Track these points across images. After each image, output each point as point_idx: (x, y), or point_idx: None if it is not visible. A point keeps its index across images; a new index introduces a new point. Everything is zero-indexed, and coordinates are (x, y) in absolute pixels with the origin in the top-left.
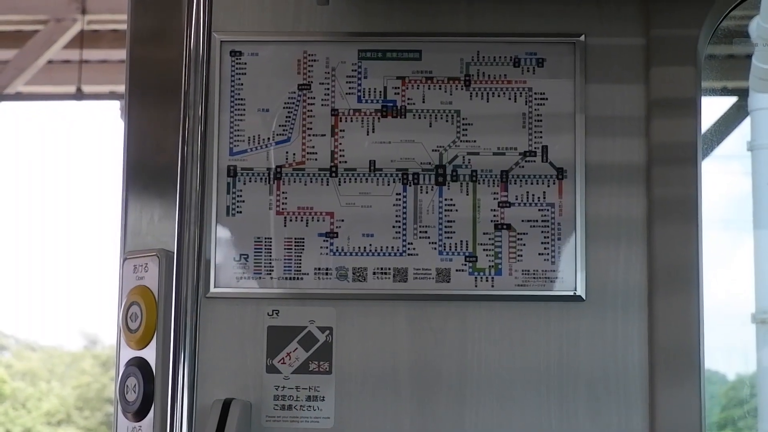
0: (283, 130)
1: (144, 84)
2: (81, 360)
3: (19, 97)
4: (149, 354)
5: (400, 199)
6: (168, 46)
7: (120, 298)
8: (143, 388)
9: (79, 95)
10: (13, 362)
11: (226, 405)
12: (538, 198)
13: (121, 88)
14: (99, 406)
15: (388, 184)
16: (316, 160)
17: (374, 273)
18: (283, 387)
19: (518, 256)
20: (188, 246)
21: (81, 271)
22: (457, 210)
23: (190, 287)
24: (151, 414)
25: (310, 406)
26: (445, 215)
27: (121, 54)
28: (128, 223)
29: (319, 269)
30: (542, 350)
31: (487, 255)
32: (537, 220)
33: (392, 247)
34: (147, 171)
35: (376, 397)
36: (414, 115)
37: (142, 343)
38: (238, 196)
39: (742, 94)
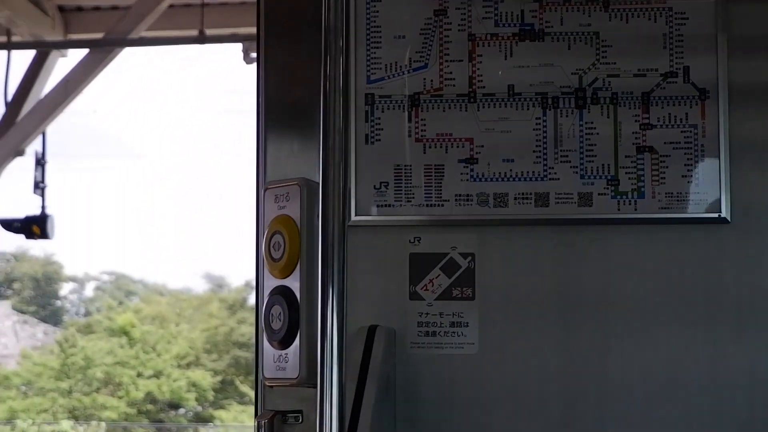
0: (420, 57)
1: (278, 18)
2: (208, 303)
3: (142, 42)
4: (293, 282)
5: (540, 124)
6: None
7: (260, 228)
8: (288, 316)
9: (201, 38)
10: (141, 307)
11: (371, 332)
12: (681, 120)
13: (243, 30)
14: (227, 349)
15: (527, 109)
16: (453, 86)
17: (515, 198)
18: (427, 314)
19: (661, 178)
20: (333, 174)
21: (206, 214)
22: (597, 133)
23: (336, 215)
24: (296, 341)
25: (453, 332)
26: (586, 139)
27: None
28: (267, 155)
29: (460, 195)
30: (686, 274)
31: (629, 178)
32: (680, 142)
33: (533, 172)
34: (284, 104)
35: (519, 322)
36: (552, 38)
37: (286, 272)
38: (376, 124)
39: None
